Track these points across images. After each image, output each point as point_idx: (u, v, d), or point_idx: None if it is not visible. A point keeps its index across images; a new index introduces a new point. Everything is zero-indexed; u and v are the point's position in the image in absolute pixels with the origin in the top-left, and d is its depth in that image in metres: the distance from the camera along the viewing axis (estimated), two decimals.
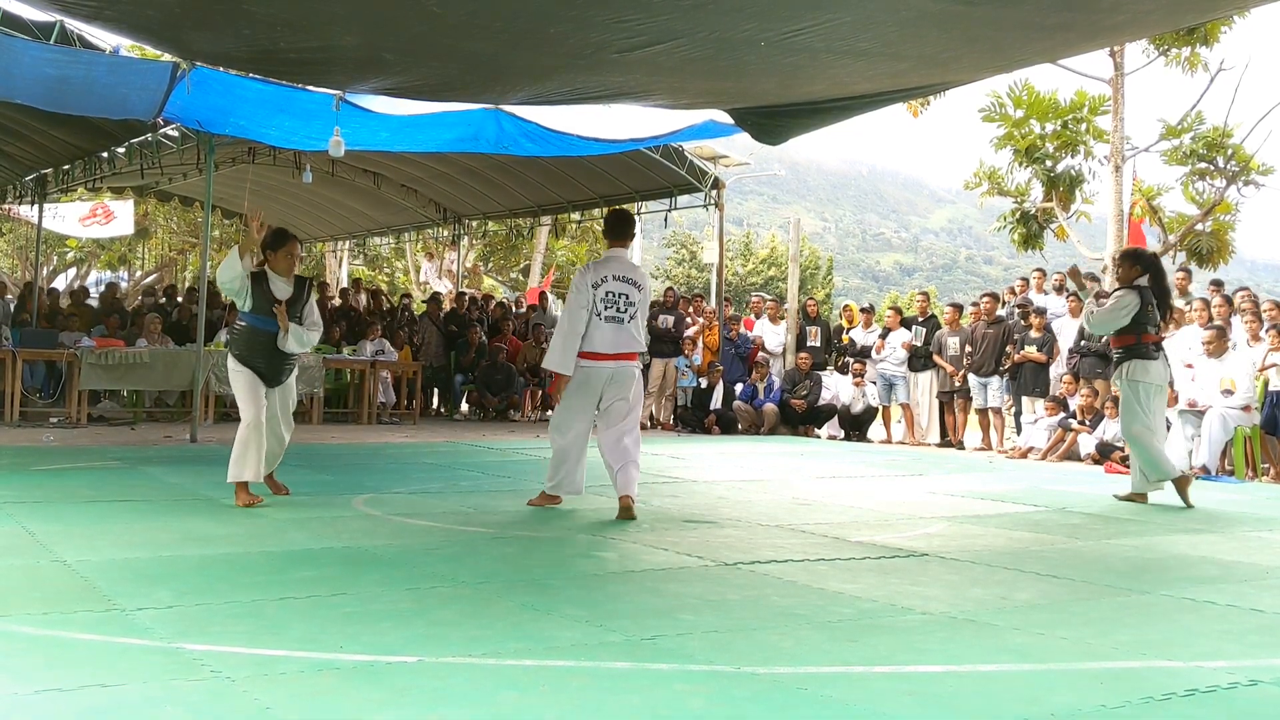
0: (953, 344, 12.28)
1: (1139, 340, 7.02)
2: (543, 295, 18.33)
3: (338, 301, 16.41)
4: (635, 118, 10.33)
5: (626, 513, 5.73)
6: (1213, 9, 7.08)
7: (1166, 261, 15.64)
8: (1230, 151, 15.15)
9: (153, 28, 6.64)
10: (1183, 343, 10.12)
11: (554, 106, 9.32)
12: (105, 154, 12.51)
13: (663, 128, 10.64)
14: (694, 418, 13.41)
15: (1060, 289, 13.00)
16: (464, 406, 14.75)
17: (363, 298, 16.85)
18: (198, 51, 7.31)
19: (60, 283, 28.48)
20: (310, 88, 8.69)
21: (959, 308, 12.81)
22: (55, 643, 2.97)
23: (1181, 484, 7.02)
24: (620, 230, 6.08)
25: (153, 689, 2.57)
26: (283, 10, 5.85)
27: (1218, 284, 11.18)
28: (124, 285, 28.29)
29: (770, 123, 8.03)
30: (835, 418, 13.34)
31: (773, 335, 14.40)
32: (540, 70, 6.99)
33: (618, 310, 5.82)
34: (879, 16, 5.36)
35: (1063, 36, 5.83)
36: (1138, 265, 7.12)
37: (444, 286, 20.38)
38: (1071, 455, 10.78)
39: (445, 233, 18.83)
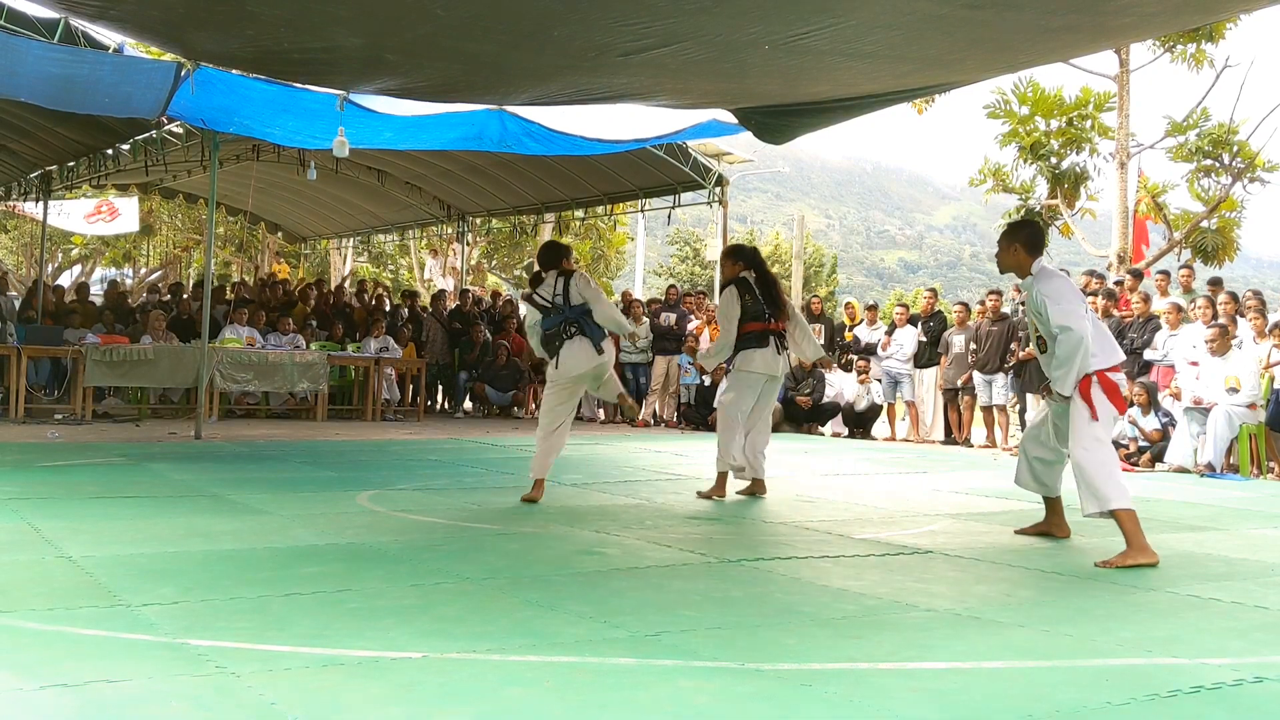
0: (958, 342, 12.26)
1: (743, 331, 6.84)
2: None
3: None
4: (638, 118, 10.31)
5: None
6: (1218, 9, 7.06)
7: (1171, 259, 15.65)
8: (1236, 148, 15.12)
9: (156, 28, 6.66)
10: (1187, 340, 10.10)
11: (557, 107, 9.31)
12: (110, 151, 12.54)
13: (666, 127, 10.62)
14: (697, 415, 13.40)
15: None
16: (467, 404, 14.76)
17: (354, 296, 16.83)
18: (202, 51, 7.32)
19: (65, 279, 28.55)
20: (314, 88, 8.69)
21: (967, 306, 12.79)
22: (60, 638, 2.98)
23: (722, 479, 6.83)
24: (1043, 239, 5.32)
25: (158, 684, 2.58)
26: (285, 11, 5.85)
27: (1216, 283, 11.11)
28: (129, 282, 28.35)
29: (774, 122, 8.02)
30: (839, 415, 13.32)
31: None
32: (544, 72, 6.98)
33: None
34: (883, 20, 5.35)
35: (1068, 38, 5.81)
36: (740, 261, 6.95)
37: (448, 283, 20.38)
38: None
39: (449, 230, 18.84)
